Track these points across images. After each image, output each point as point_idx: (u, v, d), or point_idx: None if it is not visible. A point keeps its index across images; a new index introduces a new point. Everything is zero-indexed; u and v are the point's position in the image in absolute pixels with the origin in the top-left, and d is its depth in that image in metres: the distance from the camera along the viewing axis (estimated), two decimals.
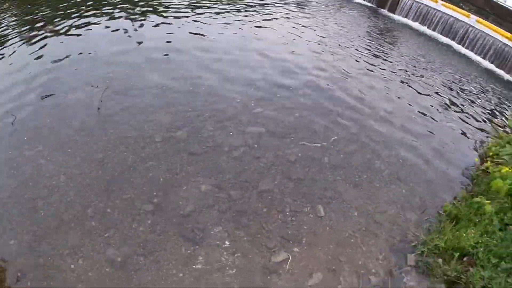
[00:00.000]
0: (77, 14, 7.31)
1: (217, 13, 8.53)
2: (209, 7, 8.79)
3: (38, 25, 6.74)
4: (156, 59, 5.91)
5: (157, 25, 7.25)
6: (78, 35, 6.47)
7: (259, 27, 8.31)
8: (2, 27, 6.68)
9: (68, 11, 7.45)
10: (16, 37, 6.27)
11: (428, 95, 7.60)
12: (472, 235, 3.64)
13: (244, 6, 9.65)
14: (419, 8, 15.77)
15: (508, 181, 4.17)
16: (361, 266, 3.38)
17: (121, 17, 7.38)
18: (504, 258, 3.37)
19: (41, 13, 7.31)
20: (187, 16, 7.89)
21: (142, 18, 7.48)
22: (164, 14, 7.82)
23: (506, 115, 7.81)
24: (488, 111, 8.22)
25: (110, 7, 7.82)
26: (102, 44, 6.14)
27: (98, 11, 7.55)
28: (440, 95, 7.86)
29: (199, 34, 7.11)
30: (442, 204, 4.21)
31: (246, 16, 8.81)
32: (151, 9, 8.09)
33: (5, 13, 7.35)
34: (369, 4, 16.89)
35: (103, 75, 5.27)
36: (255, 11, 9.36)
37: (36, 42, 6.08)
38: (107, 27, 6.86)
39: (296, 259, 3.29)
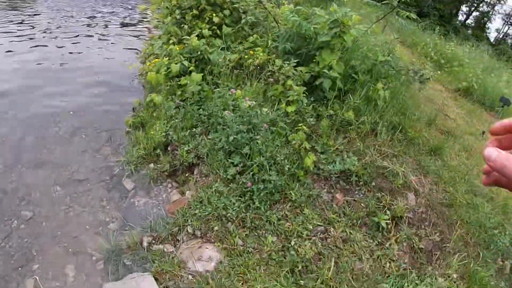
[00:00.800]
0: None
1: None
2: None
3: None
4: None
5: None
6: None
7: None
8: None
9: None
10: None
11: (81, 30, 7.31)
12: (159, 128, 4.08)
13: None
14: None
15: (163, 68, 4.67)
16: (95, 225, 3.26)
17: None
18: (194, 127, 3.95)
19: None
20: None
21: None
22: None
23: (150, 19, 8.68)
24: (140, 24, 8.92)
25: None
26: None
27: None
28: (92, 27, 7.73)
29: None
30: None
31: None
32: None
33: None
34: None
35: None
36: None
37: None
38: None
39: (43, 273, 2.82)
